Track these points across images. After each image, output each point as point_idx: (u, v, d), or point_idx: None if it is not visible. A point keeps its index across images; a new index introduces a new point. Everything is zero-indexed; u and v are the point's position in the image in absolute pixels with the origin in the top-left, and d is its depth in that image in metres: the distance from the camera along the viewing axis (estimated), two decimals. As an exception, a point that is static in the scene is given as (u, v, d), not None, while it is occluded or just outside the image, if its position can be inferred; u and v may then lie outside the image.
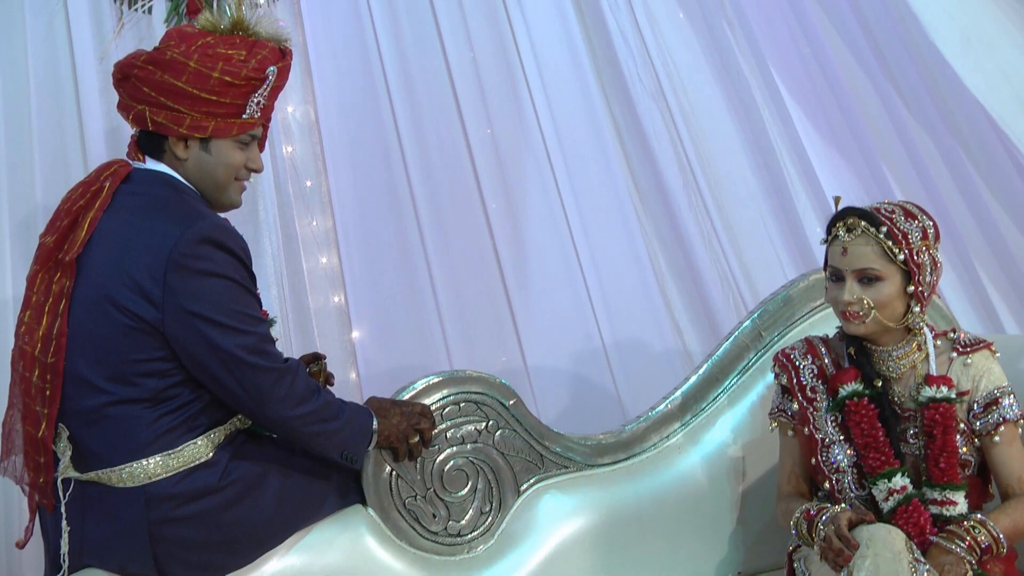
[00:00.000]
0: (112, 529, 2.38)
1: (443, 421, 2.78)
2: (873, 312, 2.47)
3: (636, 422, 3.03)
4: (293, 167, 3.64)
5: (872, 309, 2.47)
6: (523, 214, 3.84)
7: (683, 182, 3.86)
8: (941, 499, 2.45)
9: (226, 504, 2.43)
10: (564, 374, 3.83)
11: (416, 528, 2.72)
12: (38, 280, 2.43)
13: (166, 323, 2.34)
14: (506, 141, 3.85)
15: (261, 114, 2.55)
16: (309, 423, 2.47)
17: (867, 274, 2.47)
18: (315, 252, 3.65)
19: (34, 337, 2.38)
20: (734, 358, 3.08)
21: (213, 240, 2.38)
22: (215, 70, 2.43)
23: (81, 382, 2.37)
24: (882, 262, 2.46)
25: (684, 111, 3.88)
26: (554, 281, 3.84)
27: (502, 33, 3.85)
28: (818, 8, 3.95)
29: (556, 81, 3.88)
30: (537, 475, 2.88)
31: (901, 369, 2.56)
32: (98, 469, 2.38)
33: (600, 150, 3.89)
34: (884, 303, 2.47)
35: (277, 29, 2.59)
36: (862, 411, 2.51)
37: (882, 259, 2.46)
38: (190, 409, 2.42)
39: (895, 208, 2.52)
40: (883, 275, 2.47)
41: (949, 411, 2.47)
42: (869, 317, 2.48)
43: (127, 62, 2.49)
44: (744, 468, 3.01)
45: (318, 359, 2.80)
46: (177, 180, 2.50)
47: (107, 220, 2.43)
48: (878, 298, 2.47)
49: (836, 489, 2.55)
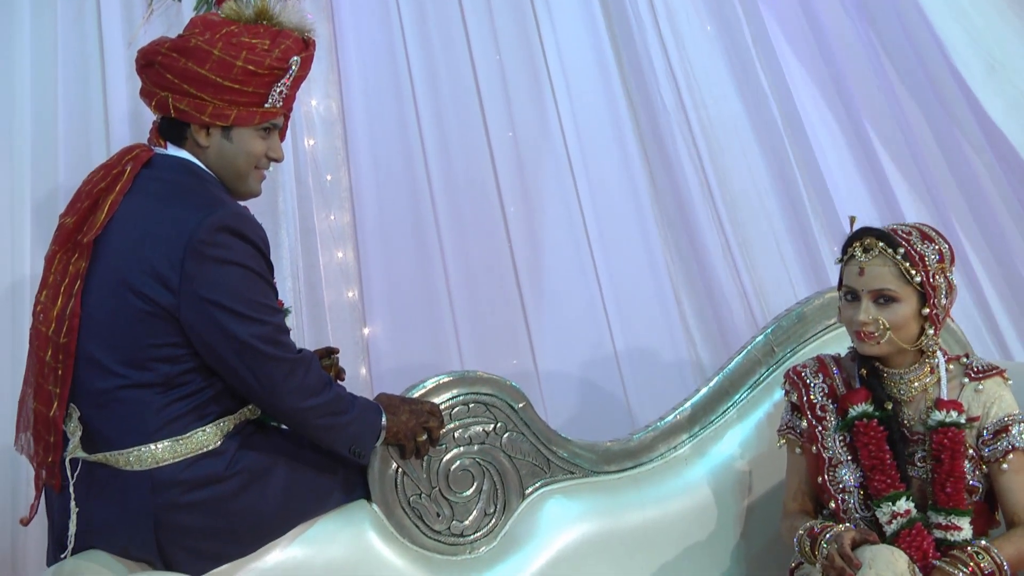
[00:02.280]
0: (117, 512, 2.38)
1: (451, 421, 2.79)
2: (888, 333, 2.47)
3: (644, 431, 3.03)
4: (314, 160, 3.65)
5: (887, 330, 2.47)
6: (541, 218, 3.84)
7: (702, 195, 3.85)
8: (946, 524, 2.44)
9: (231, 493, 2.43)
10: (575, 379, 3.83)
11: (419, 526, 2.73)
12: (56, 260, 2.44)
13: (182, 309, 2.35)
14: (528, 145, 3.85)
15: (283, 104, 2.55)
16: (319, 415, 2.48)
17: (884, 295, 2.47)
18: (331, 247, 3.65)
19: (49, 317, 2.39)
20: (745, 372, 3.08)
21: (232, 228, 2.38)
22: (239, 59, 2.44)
23: (94, 364, 2.38)
24: (899, 283, 2.46)
25: (704, 125, 3.87)
26: (569, 286, 3.84)
27: (529, 37, 3.86)
28: (840, 29, 3.93)
29: (580, 88, 3.88)
30: (543, 479, 2.88)
31: (912, 392, 2.56)
32: (106, 451, 2.38)
33: (621, 159, 3.89)
34: (899, 324, 2.47)
35: (301, 19, 2.59)
36: (871, 432, 2.51)
37: (899, 280, 2.46)
38: (201, 396, 2.42)
39: (912, 230, 2.52)
40: (899, 296, 2.46)
41: (958, 436, 2.46)
42: (884, 338, 2.48)
43: (151, 49, 2.49)
44: (750, 483, 3.01)
45: (331, 353, 2.80)
46: (198, 167, 2.51)
47: (127, 204, 2.43)
48: (893, 319, 2.46)
49: (841, 509, 2.54)
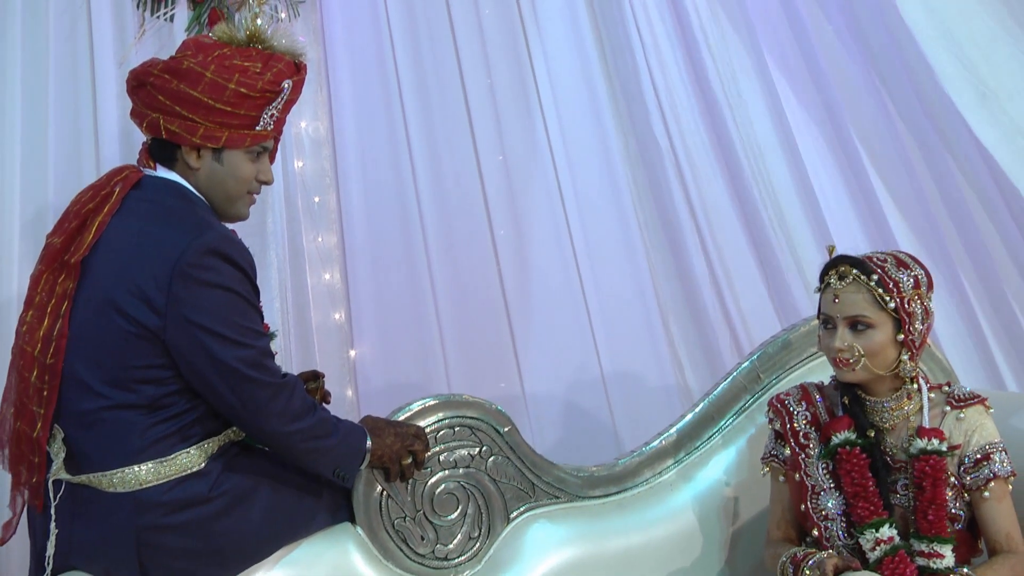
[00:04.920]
0: (100, 533, 2.38)
1: (436, 444, 2.79)
2: (863, 360, 2.49)
3: (630, 456, 3.03)
4: (303, 182, 3.66)
5: (862, 356, 2.48)
6: (530, 242, 3.86)
7: (690, 220, 3.87)
8: (928, 551, 2.45)
9: (215, 515, 2.43)
10: (561, 403, 3.84)
11: (403, 549, 2.72)
12: (42, 280, 2.43)
13: (167, 331, 2.34)
14: (517, 168, 3.87)
15: (274, 127, 2.55)
16: (304, 439, 2.48)
17: (858, 321, 2.49)
18: (319, 268, 3.66)
19: (35, 337, 2.39)
20: (731, 398, 3.08)
21: (220, 252, 2.38)
22: (231, 81, 2.44)
23: (79, 385, 2.37)
24: (873, 310, 2.48)
25: (690, 152, 3.89)
26: (557, 310, 3.86)
27: (520, 62, 3.88)
28: (831, 57, 3.96)
29: (571, 113, 3.91)
30: (527, 503, 2.88)
31: (894, 420, 2.57)
32: (90, 472, 2.38)
33: (610, 184, 3.91)
34: (875, 351, 2.48)
35: (293, 43, 2.59)
36: (853, 460, 2.52)
37: (873, 307, 2.48)
38: (185, 418, 2.42)
39: (888, 257, 2.54)
40: (874, 323, 2.48)
41: (939, 464, 2.47)
42: (859, 364, 2.49)
43: (142, 70, 2.50)
44: (735, 509, 3.01)
45: (317, 377, 2.81)
46: (187, 190, 2.51)
47: (115, 225, 2.43)
48: (869, 346, 2.48)
49: (824, 536, 2.55)
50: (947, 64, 3.75)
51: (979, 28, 3.82)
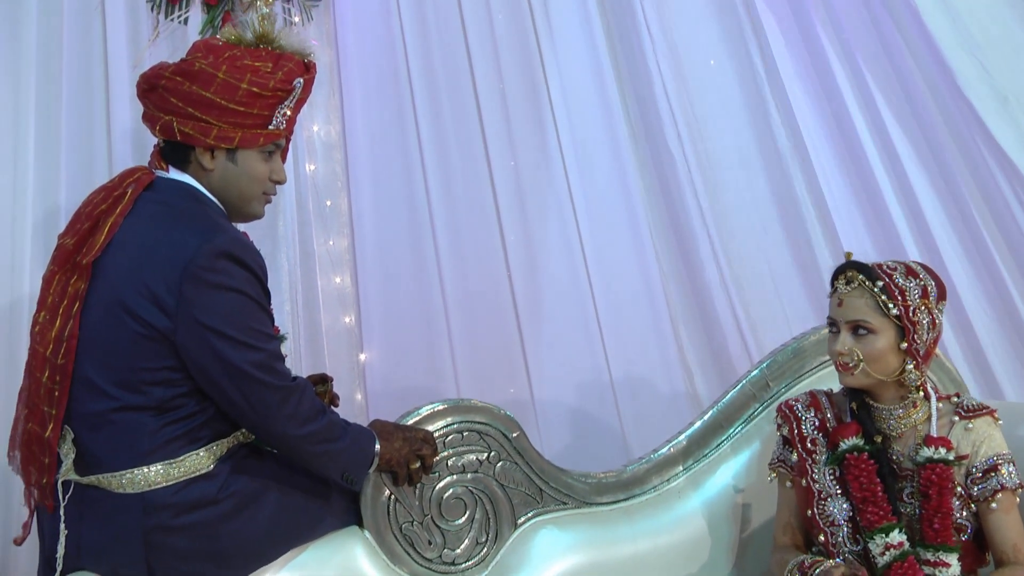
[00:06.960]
0: (108, 533, 2.39)
1: (445, 449, 2.79)
2: (862, 364, 2.49)
3: (638, 463, 3.03)
4: (315, 185, 3.67)
5: (861, 361, 2.49)
6: (540, 247, 3.86)
7: (701, 227, 3.86)
8: (934, 560, 2.45)
9: (223, 516, 2.43)
10: (570, 409, 3.84)
11: (411, 553, 2.72)
12: (55, 281, 2.44)
13: (178, 333, 2.35)
14: (528, 174, 3.87)
15: (286, 125, 2.57)
16: (312, 442, 2.48)
17: (860, 326, 2.49)
18: (329, 272, 3.67)
19: (47, 338, 2.40)
20: (740, 406, 3.08)
21: (232, 255, 2.39)
22: (243, 81, 2.45)
23: (89, 386, 2.38)
24: (875, 315, 2.48)
25: (703, 159, 3.89)
26: (566, 316, 3.86)
27: (533, 67, 3.88)
28: (845, 60, 3.94)
29: (582, 118, 3.91)
30: (535, 509, 2.88)
31: (902, 428, 2.56)
32: (99, 473, 2.39)
33: (621, 190, 3.91)
34: (875, 357, 2.48)
35: (301, 43, 2.61)
36: (861, 465, 2.52)
37: (875, 312, 2.48)
38: (195, 420, 2.43)
39: (898, 265, 2.54)
40: (875, 328, 2.48)
41: (946, 472, 2.47)
42: (858, 369, 2.50)
43: (154, 73, 2.50)
44: (743, 516, 3.01)
45: (325, 380, 2.81)
46: (200, 192, 2.52)
47: (127, 226, 2.44)
48: (869, 351, 2.48)
49: (831, 543, 2.55)
50: (967, 67, 3.74)
51: (999, 33, 3.81)
